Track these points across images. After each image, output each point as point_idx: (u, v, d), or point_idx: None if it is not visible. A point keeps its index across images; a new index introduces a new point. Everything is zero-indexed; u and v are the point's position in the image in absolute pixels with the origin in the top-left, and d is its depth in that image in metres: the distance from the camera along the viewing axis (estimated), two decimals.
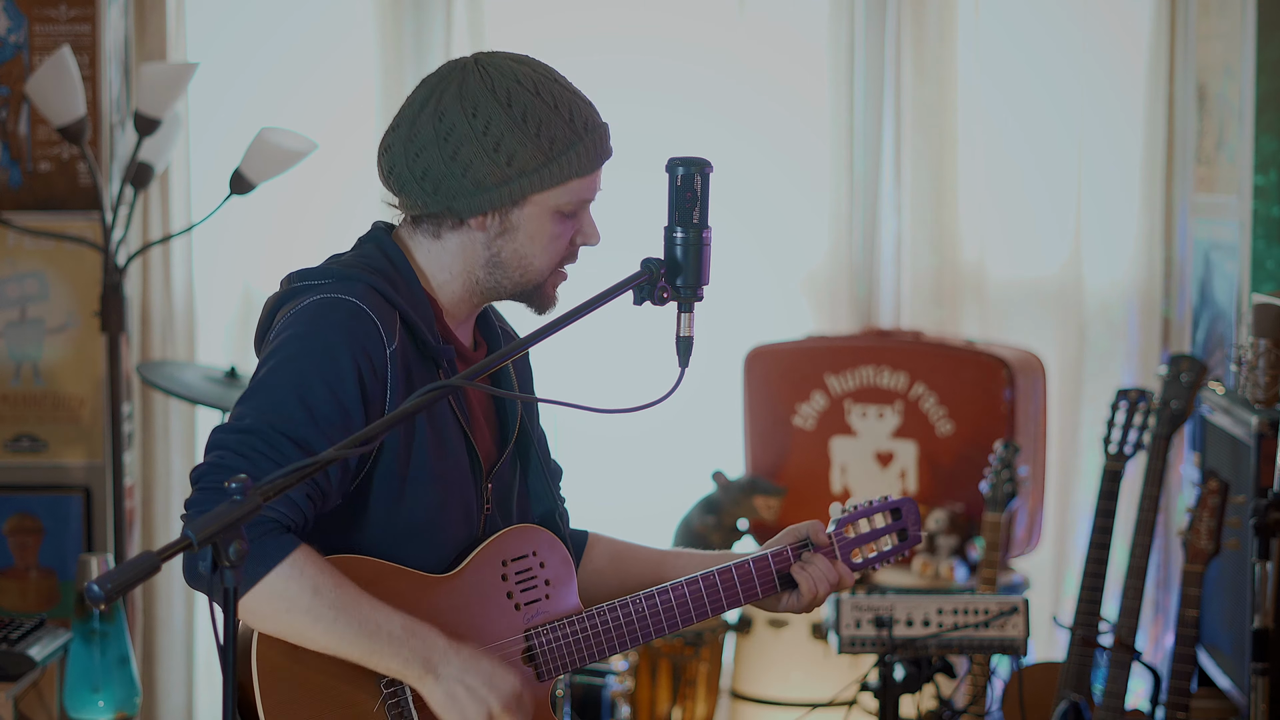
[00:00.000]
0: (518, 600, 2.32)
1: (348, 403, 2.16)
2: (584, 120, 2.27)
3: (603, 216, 2.37)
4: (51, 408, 4.63)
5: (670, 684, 4.59)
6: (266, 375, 2.17)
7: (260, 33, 5.02)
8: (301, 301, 2.23)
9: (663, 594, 2.40)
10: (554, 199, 2.27)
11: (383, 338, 2.19)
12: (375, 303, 2.21)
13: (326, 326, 2.18)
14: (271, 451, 2.11)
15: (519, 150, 2.23)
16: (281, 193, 4.88)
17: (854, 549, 2.53)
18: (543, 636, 2.33)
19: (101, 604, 1.72)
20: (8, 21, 4.59)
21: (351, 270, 2.26)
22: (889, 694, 3.48)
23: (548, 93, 2.25)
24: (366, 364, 2.18)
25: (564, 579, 2.37)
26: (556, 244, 2.30)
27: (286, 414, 2.13)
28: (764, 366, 4.93)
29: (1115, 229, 5.05)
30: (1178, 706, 3.87)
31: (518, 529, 2.34)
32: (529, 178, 2.24)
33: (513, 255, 2.29)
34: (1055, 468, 5.05)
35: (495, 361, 2.18)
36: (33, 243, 4.59)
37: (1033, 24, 5.08)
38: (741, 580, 2.44)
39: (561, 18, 5.13)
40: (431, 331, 2.27)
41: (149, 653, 4.98)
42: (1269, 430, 3.82)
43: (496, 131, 2.23)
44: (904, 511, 2.58)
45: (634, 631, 2.39)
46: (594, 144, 2.28)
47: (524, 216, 2.27)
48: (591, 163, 2.27)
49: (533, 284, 2.32)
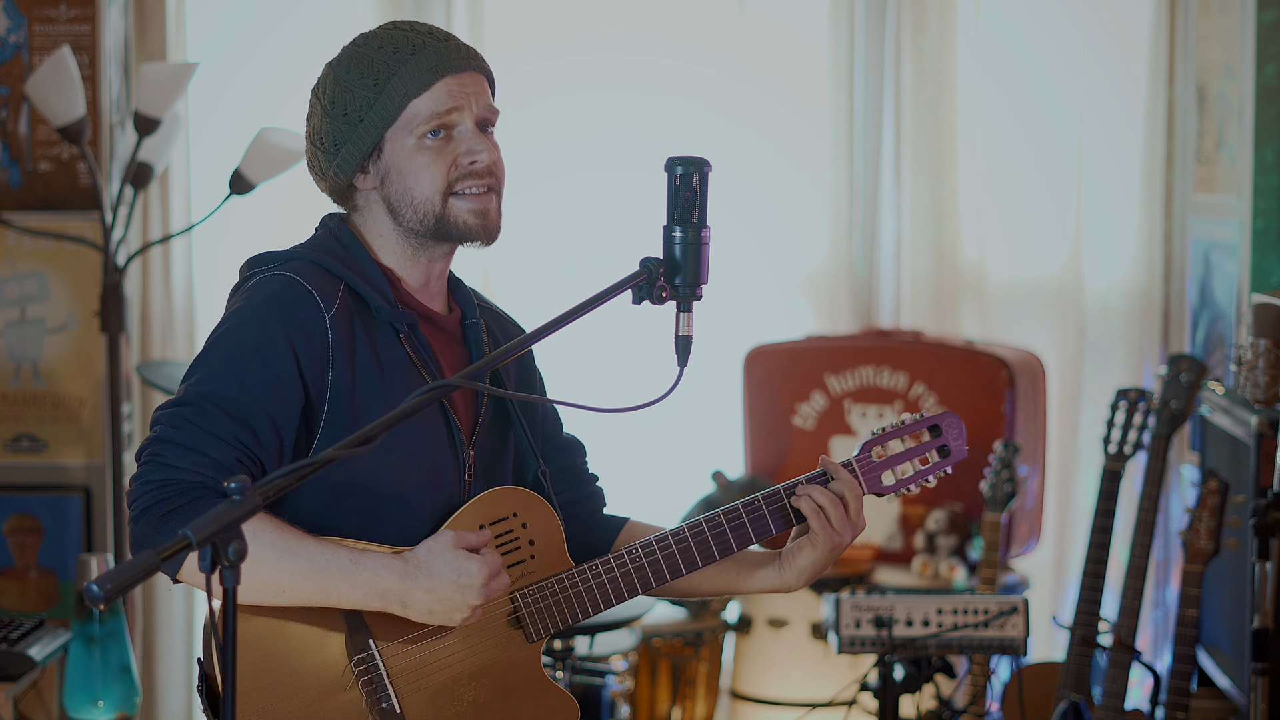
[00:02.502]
0: None
1: (281, 369, 2.21)
2: (410, 46, 2.31)
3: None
4: (51, 408, 4.63)
5: (670, 684, 4.59)
6: (204, 350, 2.25)
7: (260, 33, 5.03)
8: (247, 284, 2.32)
9: (661, 541, 2.37)
10: (408, 131, 2.30)
11: (319, 304, 2.25)
12: (312, 274, 2.28)
13: (259, 300, 2.26)
14: (201, 419, 2.17)
15: (350, 98, 2.32)
16: (281, 193, 4.88)
17: (884, 470, 2.44)
18: (527, 597, 2.32)
19: (101, 604, 1.73)
20: (8, 21, 4.59)
21: (296, 250, 2.35)
22: (889, 694, 3.48)
23: (375, 39, 2.34)
24: (298, 330, 2.23)
25: (549, 538, 2.35)
26: (433, 170, 2.31)
27: (217, 385, 2.20)
28: (764, 366, 4.93)
29: (1115, 229, 5.05)
30: (1178, 706, 3.87)
31: (495, 491, 2.33)
32: (368, 118, 2.31)
33: (398, 196, 2.33)
34: (1055, 468, 5.05)
35: (493, 361, 2.18)
36: (33, 243, 4.59)
37: (1033, 24, 5.08)
38: (749, 514, 2.37)
39: (561, 18, 5.13)
40: (387, 299, 2.31)
41: (149, 653, 4.98)
42: (1269, 430, 3.82)
43: (331, 93, 2.35)
44: (944, 427, 2.46)
45: (626, 584, 2.36)
46: (421, 62, 2.30)
47: (390, 156, 2.32)
48: (421, 79, 2.30)
49: (433, 215, 2.32)
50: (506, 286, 5.08)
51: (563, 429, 2.56)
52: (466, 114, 2.32)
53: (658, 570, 2.36)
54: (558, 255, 5.07)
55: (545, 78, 5.11)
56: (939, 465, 2.46)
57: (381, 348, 2.28)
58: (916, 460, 2.46)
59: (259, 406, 2.19)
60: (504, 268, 5.08)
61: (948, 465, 2.47)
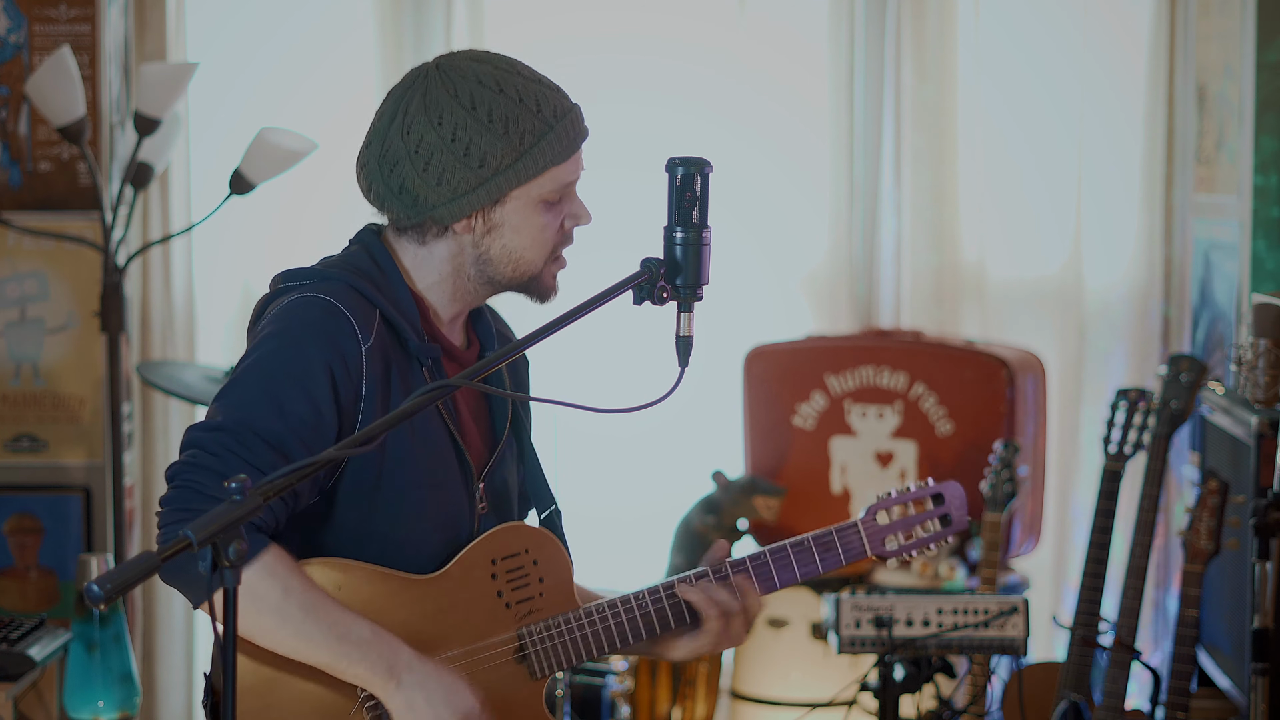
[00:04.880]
0: (509, 599, 2.31)
1: (318, 399, 2.17)
2: (553, 108, 2.28)
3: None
4: (51, 408, 4.63)
5: (670, 684, 4.59)
6: (241, 373, 2.19)
7: (260, 33, 5.02)
8: (283, 301, 2.25)
9: (667, 588, 2.38)
10: (535, 191, 2.27)
11: (357, 335, 2.20)
12: (352, 301, 2.23)
13: (300, 324, 2.20)
14: (241, 449, 2.12)
15: (490, 151, 2.23)
16: (281, 193, 4.88)
17: (888, 535, 2.46)
18: (535, 635, 2.32)
19: (101, 604, 1.72)
20: (8, 21, 4.59)
21: (333, 270, 2.28)
22: (889, 694, 3.48)
23: (511, 88, 2.26)
24: (339, 361, 2.19)
25: (559, 578, 2.34)
26: (545, 234, 2.30)
27: (257, 411, 2.14)
28: (764, 366, 4.93)
29: (1115, 229, 5.05)
30: (1178, 706, 3.87)
31: (509, 527, 2.33)
32: (504, 175, 2.25)
33: (501, 252, 2.29)
34: (1055, 468, 5.05)
35: (494, 362, 2.18)
36: (33, 243, 4.59)
37: (1033, 24, 5.08)
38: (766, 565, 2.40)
39: (561, 18, 5.13)
40: (416, 331, 2.28)
41: (149, 653, 4.98)
42: (1269, 430, 3.82)
43: (465, 136, 2.23)
44: (947, 496, 2.50)
45: (634, 629, 2.36)
46: (566, 130, 2.28)
47: (507, 213, 2.27)
48: (565, 149, 2.27)
49: (528, 276, 2.31)
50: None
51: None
52: (578, 178, 2.33)
53: (662, 616, 2.37)
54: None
55: None
56: (939, 534, 2.50)
57: (409, 383, 2.26)
58: (919, 527, 2.49)
59: (297, 438, 2.14)
60: None
61: (948, 534, 2.50)
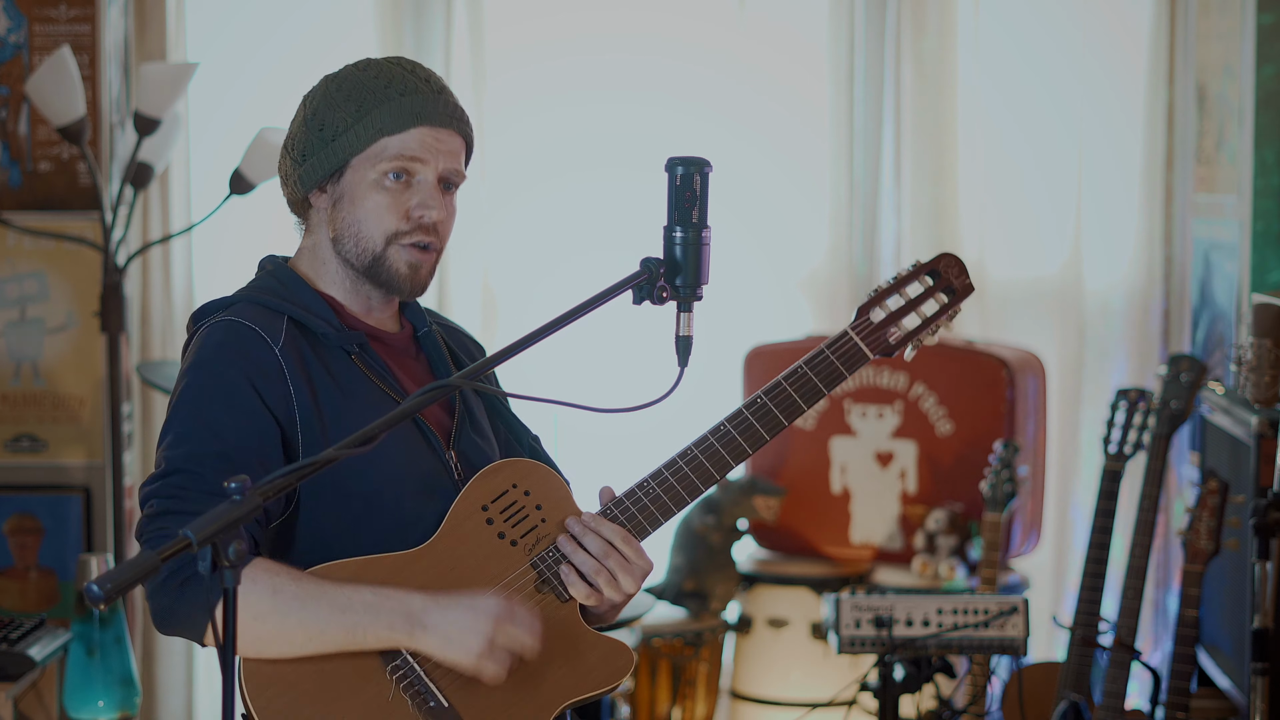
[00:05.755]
0: (511, 536, 2.30)
1: (250, 410, 2.21)
2: (401, 85, 2.31)
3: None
4: (51, 408, 4.63)
5: (670, 684, 4.59)
6: (171, 414, 2.25)
7: (260, 33, 5.03)
8: (194, 339, 2.32)
9: (671, 468, 2.39)
10: (372, 165, 2.30)
11: (265, 340, 2.26)
12: (254, 313, 2.29)
13: (210, 350, 2.26)
14: (193, 482, 2.16)
15: (330, 116, 2.32)
16: (281, 193, 4.88)
17: (889, 329, 2.37)
18: (550, 559, 2.31)
19: (101, 604, 1.72)
20: (8, 21, 4.59)
21: (236, 295, 2.34)
22: (889, 694, 3.48)
23: (374, 68, 2.34)
24: (255, 370, 2.23)
25: (556, 497, 2.34)
26: (383, 213, 2.31)
27: (195, 442, 2.19)
28: (764, 366, 4.93)
29: (1115, 229, 5.05)
30: (1178, 706, 3.87)
31: (486, 470, 2.32)
32: (341, 140, 2.31)
33: (345, 225, 2.34)
34: (1055, 468, 5.05)
35: (495, 361, 2.18)
36: (33, 243, 4.59)
37: (1033, 24, 5.08)
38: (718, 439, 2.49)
39: (561, 18, 5.13)
40: (332, 324, 2.32)
41: (149, 653, 4.98)
42: (1269, 430, 3.82)
43: (316, 105, 2.35)
44: (941, 268, 2.37)
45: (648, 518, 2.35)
46: (408, 105, 2.30)
47: (348, 184, 2.33)
48: (400, 121, 2.29)
49: (370, 254, 2.32)
50: (506, 286, 5.08)
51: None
52: (431, 168, 2.32)
53: (675, 496, 2.38)
54: (557, 255, 5.06)
55: (545, 78, 5.11)
56: (947, 307, 2.38)
57: (336, 370, 2.29)
58: (922, 308, 2.38)
59: (242, 449, 2.19)
60: (504, 268, 5.07)
61: (958, 303, 2.38)
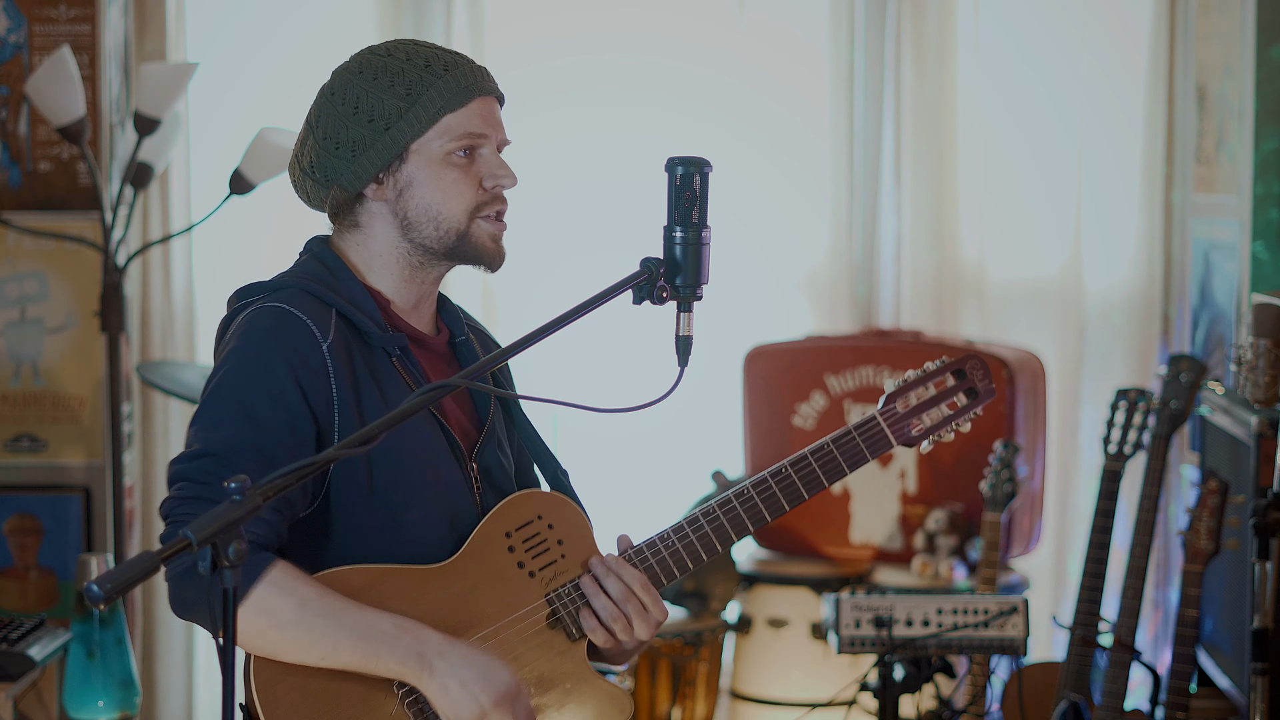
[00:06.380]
0: (530, 568, 2.29)
1: (290, 404, 2.18)
2: (443, 63, 2.29)
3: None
4: (51, 408, 4.63)
5: (670, 684, 4.59)
6: (210, 394, 2.21)
7: (260, 33, 5.03)
8: (240, 317, 2.27)
9: (693, 525, 2.36)
10: (436, 144, 2.28)
11: (315, 335, 2.22)
12: (305, 303, 2.25)
13: (258, 336, 2.22)
14: (226, 469, 2.13)
15: (377, 105, 2.27)
16: (281, 193, 4.87)
17: (913, 420, 2.41)
18: (565, 596, 2.30)
19: (101, 604, 1.72)
20: (8, 21, 4.59)
21: (284, 279, 2.31)
22: (889, 694, 3.48)
23: (401, 51, 2.30)
24: (301, 365, 2.20)
25: (578, 536, 2.32)
26: (461, 188, 2.30)
27: (232, 429, 2.16)
28: (764, 366, 4.93)
29: (1115, 229, 5.05)
30: (1177, 706, 3.87)
31: (516, 498, 2.32)
32: (397, 128, 2.26)
33: (419, 211, 2.30)
34: (1055, 468, 5.05)
35: (493, 361, 2.18)
36: (33, 243, 4.59)
37: (1033, 24, 5.08)
38: (742, 503, 2.35)
39: (561, 18, 5.13)
40: (377, 323, 2.29)
41: (149, 653, 4.98)
42: (1269, 430, 3.82)
43: (354, 97, 2.28)
44: (968, 369, 2.43)
45: (665, 570, 2.34)
46: (457, 80, 2.28)
47: (413, 169, 2.29)
48: (457, 97, 2.27)
49: (455, 234, 2.31)
50: (506, 286, 5.08)
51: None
52: (492, 139, 2.32)
53: (693, 552, 2.35)
54: (558, 255, 5.06)
55: (545, 78, 5.11)
56: (969, 408, 2.42)
57: (380, 374, 2.27)
58: (945, 406, 2.43)
59: (278, 445, 2.15)
60: (504, 268, 5.06)
61: (978, 407, 2.42)
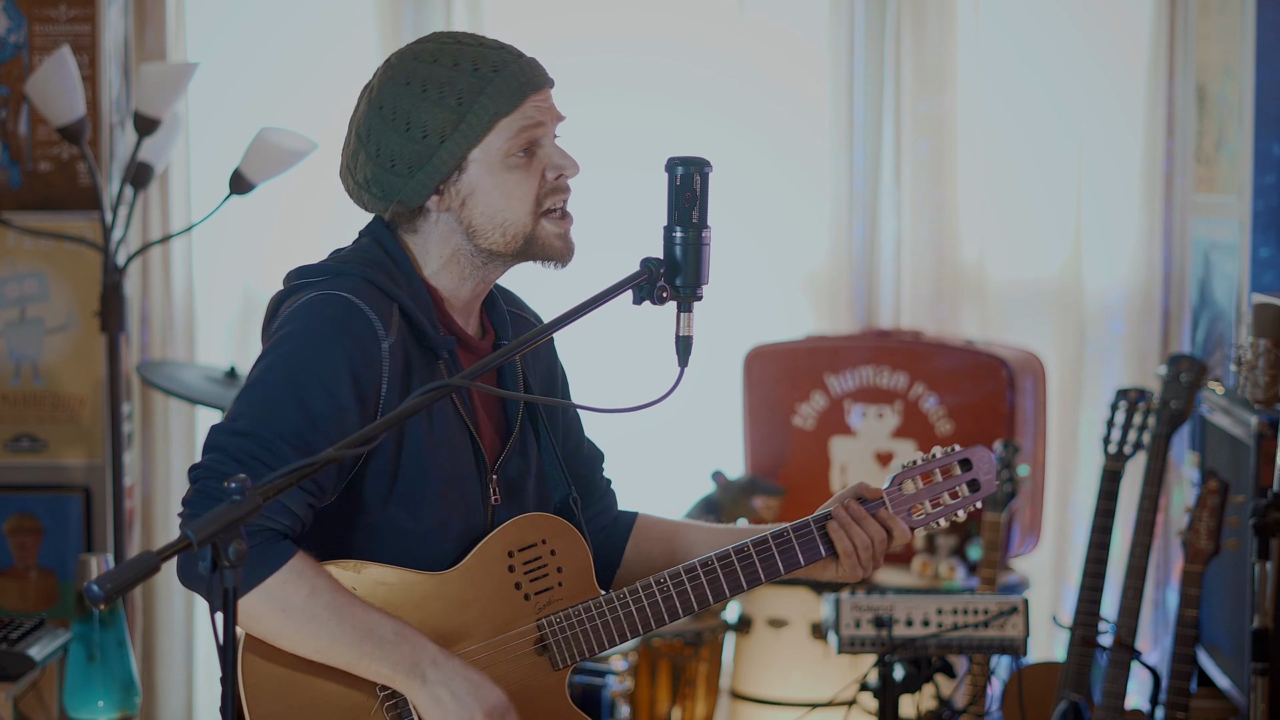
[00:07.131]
0: (527, 590, 2.29)
1: (342, 398, 2.15)
2: (491, 64, 2.24)
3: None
4: (51, 408, 4.63)
5: (670, 684, 4.59)
6: (263, 373, 2.16)
7: (260, 33, 5.03)
8: (299, 299, 2.22)
9: (690, 572, 2.34)
10: (494, 149, 2.25)
11: (377, 333, 2.18)
12: (370, 296, 2.21)
13: (320, 323, 2.17)
14: (268, 456, 2.10)
15: (429, 121, 2.22)
16: (281, 193, 4.88)
17: (914, 504, 2.42)
18: (555, 625, 2.30)
19: (101, 604, 1.72)
20: (8, 21, 4.59)
21: (348, 265, 2.25)
22: (889, 694, 3.48)
23: (446, 56, 2.24)
24: (361, 359, 2.17)
25: (578, 566, 2.32)
26: (524, 189, 2.28)
27: (282, 416, 2.12)
28: (764, 366, 4.93)
29: (1115, 229, 5.05)
30: (1177, 706, 3.87)
31: (526, 518, 2.31)
32: (452, 141, 2.23)
33: (484, 219, 2.28)
34: (1055, 468, 5.05)
35: (495, 361, 2.17)
36: (33, 243, 4.59)
37: (1033, 24, 5.08)
38: (780, 548, 2.36)
39: (561, 18, 5.13)
40: (431, 322, 2.26)
41: (149, 653, 4.98)
42: (1269, 430, 3.82)
43: (404, 113, 2.23)
44: (975, 461, 2.43)
45: (654, 614, 2.34)
46: (507, 81, 2.24)
47: (473, 179, 2.26)
48: (510, 99, 2.24)
49: (522, 238, 2.30)
50: (507, 286, 5.07)
51: (584, 436, 2.53)
52: (548, 130, 2.29)
53: (685, 600, 2.35)
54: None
55: None
56: (969, 500, 2.43)
57: (426, 377, 2.23)
58: (946, 494, 2.43)
59: (324, 438, 2.11)
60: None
61: (977, 500, 2.43)
